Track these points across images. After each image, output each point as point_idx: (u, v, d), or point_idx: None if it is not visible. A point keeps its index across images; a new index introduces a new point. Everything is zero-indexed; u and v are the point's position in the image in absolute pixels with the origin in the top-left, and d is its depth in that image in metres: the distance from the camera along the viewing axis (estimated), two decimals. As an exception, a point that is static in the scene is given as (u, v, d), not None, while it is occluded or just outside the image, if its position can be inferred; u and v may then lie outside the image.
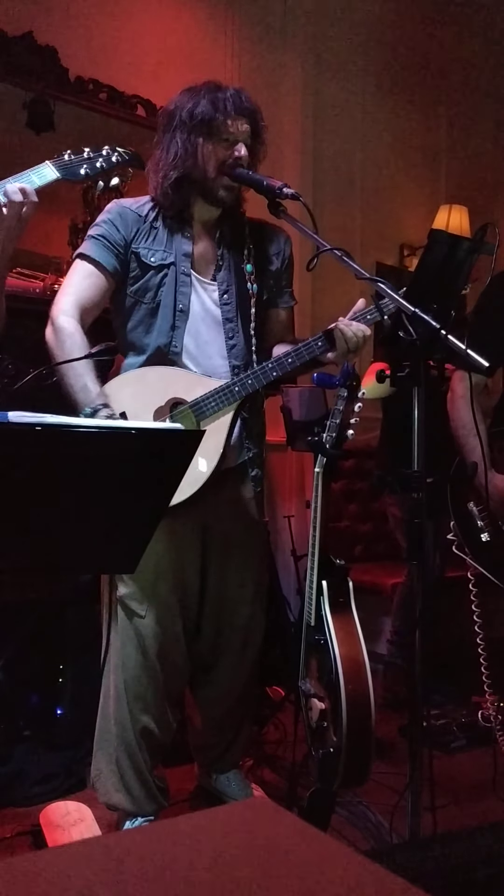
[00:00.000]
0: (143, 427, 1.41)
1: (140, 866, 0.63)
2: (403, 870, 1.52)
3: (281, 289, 2.12)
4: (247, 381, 1.86)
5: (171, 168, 1.91)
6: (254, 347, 1.99)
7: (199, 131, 1.88)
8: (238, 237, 2.04)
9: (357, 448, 3.59)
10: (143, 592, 1.93)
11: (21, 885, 0.59)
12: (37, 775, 2.31)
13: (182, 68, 3.51)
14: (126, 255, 1.94)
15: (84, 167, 1.70)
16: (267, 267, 2.07)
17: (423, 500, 1.60)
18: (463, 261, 1.67)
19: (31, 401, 1.33)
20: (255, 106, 1.94)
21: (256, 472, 2.03)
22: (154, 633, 1.93)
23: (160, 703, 1.98)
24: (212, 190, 1.93)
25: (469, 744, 2.67)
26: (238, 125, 1.90)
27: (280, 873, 0.62)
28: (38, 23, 3.08)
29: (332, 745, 1.74)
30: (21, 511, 1.12)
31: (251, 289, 2.00)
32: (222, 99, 1.88)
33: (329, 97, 4.18)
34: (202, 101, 1.88)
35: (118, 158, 1.75)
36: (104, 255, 1.92)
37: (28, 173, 1.60)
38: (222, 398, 1.86)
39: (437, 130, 4.79)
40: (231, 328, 1.97)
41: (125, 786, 1.96)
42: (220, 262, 2.00)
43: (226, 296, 1.98)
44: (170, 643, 1.96)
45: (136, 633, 1.94)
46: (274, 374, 1.86)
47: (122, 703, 1.95)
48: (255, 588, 2.11)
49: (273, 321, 2.11)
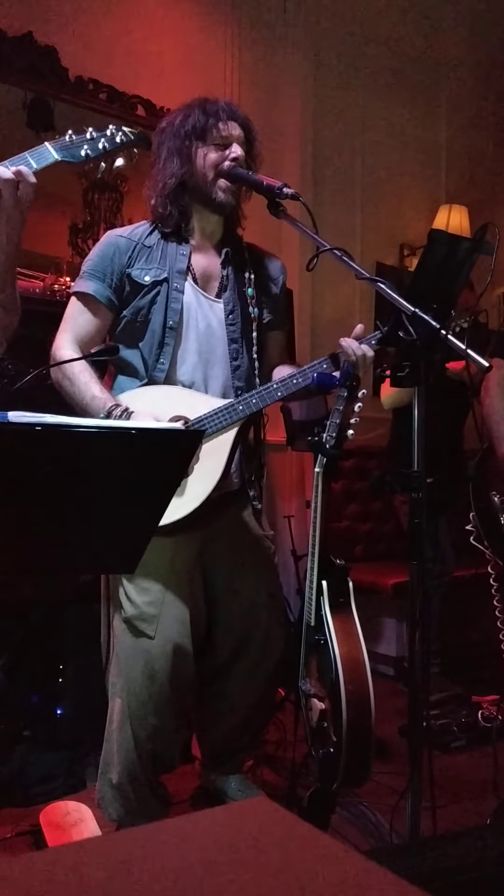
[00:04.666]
0: (143, 427, 1.41)
1: (140, 866, 0.62)
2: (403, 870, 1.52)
3: (280, 312, 2.13)
4: (251, 399, 1.85)
5: (168, 177, 1.92)
6: (256, 371, 1.98)
7: (192, 137, 1.90)
8: (240, 261, 2.03)
9: (357, 448, 3.60)
10: (150, 612, 1.88)
11: (21, 885, 0.59)
12: (37, 775, 2.31)
13: (182, 68, 3.52)
14: (121, 283, 1.93)
15: (85, 148, 1.61)
16: (267, 291, 2.07)
17: (423, 500, 1.60)
18: (463, 261, 1.67)
19: (31, 401, 1.33)
20: (247, 117, 1.97)
21: (255, 492, 2.02)
22: (164, 654, 1.87)
23: (167, 725, 1.92)
24: (210, 193, 1.92)
25: (469, 744, 2.66)
26: (230, 128, 1.92)
27: (280, 873, 0.62)
28: (38, 23, 3.08)
29: (332, 745, 1.74)
30: (21, 511, 1.12)
31: (253, 312, 2.00)
32: (213, 106, 1.92)
33: (329, 97, 4.18)
34: (194, 111, 1.92)
35: (122, 138, 1.66)
36: (98, 287, 1.92)
37: (25, 155, 1.52)
38: (225, 416, 1.84)
39: (437, 130, 4.79)
40: (235, 349, 1.96)
41: (128, 809, 1.93)
42: (226, 282, 1.99)
43: (231, 316, 1.97)
44: (180, 662, 1.90)
45: (145, 654, 1.88)
46: (279, 395, 1.85)
47: (126, 729, 1.89)
48: (268, 600, 2.07)
49: (272, 345, 2.11)
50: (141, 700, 1.88)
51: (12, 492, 1.08)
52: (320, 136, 4.12)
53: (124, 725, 1.89)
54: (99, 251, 1.96)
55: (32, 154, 1.53)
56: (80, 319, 1.93)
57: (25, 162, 1.51)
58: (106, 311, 1.94)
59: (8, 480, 1.07)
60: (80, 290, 1.94)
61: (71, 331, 1.92)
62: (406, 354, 1.61)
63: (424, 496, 1.60)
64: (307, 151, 4.03)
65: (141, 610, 1.88)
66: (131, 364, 1.94)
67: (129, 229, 2.01)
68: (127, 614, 1.89)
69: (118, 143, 1.66)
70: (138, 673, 1.88)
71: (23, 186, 1.48)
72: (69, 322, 1.94)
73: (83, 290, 1.93)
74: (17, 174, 1.47)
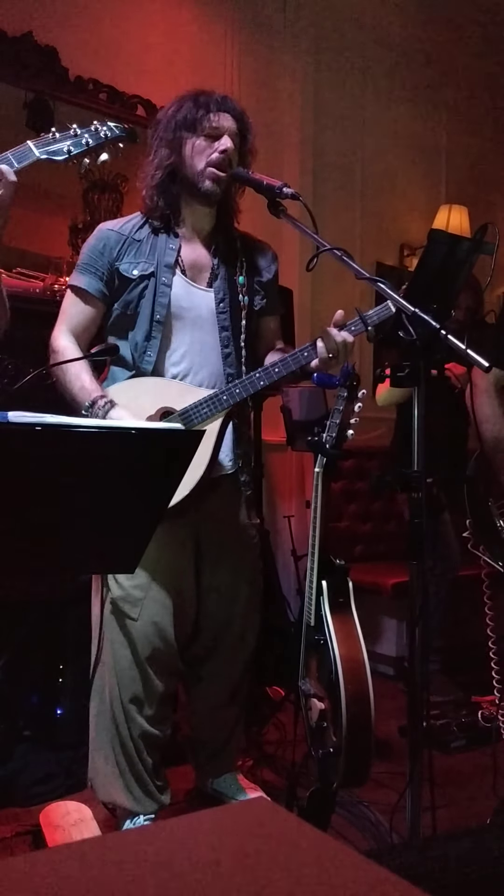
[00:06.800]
0: (143, 427, 1.41)
1: (140, 866, 0.63)
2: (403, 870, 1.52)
3: (273, 298, 2.16)
4: (234, 390, 1.89)
5: (157, 168, 1.95)
6: (243, 359, 2.01)
7: (182, 128, 1.92)
8: (231, 250, 2.06)
9: (357, 448, 3.60)
10: (136, 595, 1.94)
11: (21, 885, 0.59)
12: (37, 775, 2.31)
13: (182, 68, 3.52)
14: (111, 276, 1.97)
15: (67, 144, 1.60)
16: (260, 278, 2.10)
17: (423, 500, 1.60)
18: (463, 261, 1.67)
19: (31, 401, 1.33)
20: (242, 109, 1.98)
21: (246, 477, 2.07)
22: (145, 635, 1.95)
23: (155, 702, 1.99)
24: (197, 183, 1.94)
25: (469, 744, 2.66)
26: (221, 120, 1.93)
27: (280, 873, 0.62)
28: (38, 23, 3.09)
29: (332, 745, 1.74)
30: (21, 511, 1.12)
31: (242, 300, 2.03)
32: (205, 98, 1.93)
33: (329, 97, 4.18)
34: (186, 103, 1.94)
35: (107, 133, 1.66)
36: (90, 281, 1.97)
37: (7, 154, 1.52)
38: (211, 406, 1.89)
39: (437, 130, 4.79)
40: (226, 337, 2.00)
41: (124, 784, 1.97)
42: (217, 270, 2.02)
43: (222, 304, 2.00)
44: (161, 645, 1.97)
45: (127, 635, 1.95)
46: (261, 384, 1.89)
47: (116, 704, 1.96)
48: (249, 588, 2.13)
49: (265, 329, 2.14)
50: (130, 675, 1.96)
51: (12, 492, 1.09)
52: (320, 136, 4.12)
53: (114, 699, 1.96)
54: (90, 245, 2.01)
55: (14, 153, 1.54)
56: (73, 311, 2.00)
57: (7, 161, 1.51)
58: (98, 302, 2.00)
59: (8, 480, 1.07)
60: (73, 283, 2.01)
61: (66, 322, 2.00)
62: (406, 354, 1.61)
63: (424, 496, 1.60)
64: (307, 151, 4.03)
65: (127, 592, 1.94)
66: (123, 355, 1.99)
67: (120, 222, 2.04)
68: (114, 595, 1.96)
69: (102, 137, 1.65)
70: (125, 650, 1.95)
71: (3, 185, 1.48)
72: (65, 314, 2.01)
73: (75, 283, 2.00)
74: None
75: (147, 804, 1.98)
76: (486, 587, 2.25)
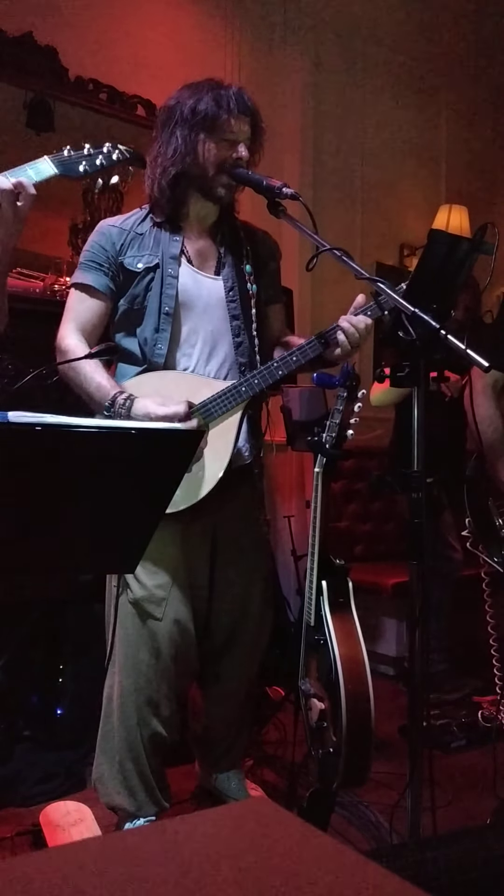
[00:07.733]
0: (143, 427, 1.41)
1: (140, 866, 0.63)
2: (403, 870, 1.52)
3: (277, 286, 2.16)
4: (253, 380, 1.87)
5: (170, 164, 1.90)
6: (256, 348, 1.99)
7: (200, 128, 1.88)
8: (236, 239, 2.05)
9: (357, 448, 3.60)
10: (159, 595, 1.92)
11: (21, 885, 0.59)
12: (37, 775, 2.31)
13: (182, 68, 3.49)
14: (116, 271, 1.95)
15: (83, 164, 1.65)
16: (264, 267, 2.09)
17: (423, 500, 1.60)
18: (462, 261, 1.67)
19: (31, 401, 1.33)
20: (256, 106, 1.94)
21: (259, 469, 2.06)
22: (170, 635, 1.92)
23: (171, 705, 1.97)
24: (211, 188, 1.93)
25: (469, 744, 2.66)
26: (240, 125, 1.90)
27: (280, 873, 0.62)
28: (38, 23, 3.08)
29: (332, 745, 1.74)
30: (21, 511, 1.12)
31: (251, 289, 2.01)
32: (226, 97, 1.88)
33: (329, 97, 4.18)
34: (205, 97, 1.87)
35: (119, 156, 1.71)
36: (95, 277, 1.94)
37: (25, 167, 1.55)
38: (230, 399, 1.87)
39: (437, 130, 4.79)
40: (237, 325, 1.98)
41: (128, 788, 1.95)
42: (224, 259, 2.01)
43: (231, 293, 1.98)
44: (185, 644, 1.95)
45: (151, 635, 1.92)
46: (280, 373, 1.86)
47: (128, 707, 1.93)
48: (263, 585, 2.12)
49: (272, 318, 2.14)
50: (148, 679, 1.92)
51: (12, 492, 1.09)
52: (320, 136, 4.12)
53: (126, 703, 1.93)
54: (92, 242, 1.98)
55: (32, 167, 1.57)
56: (80, 308, 1.96)
57: (25, 174, 1.54)
58: (105, 298, 1.97)
59: (8, 480, 1.07)
60: (77, 281, 1.98)
61: (74, 320, 1.96)
62: (406, 354, 1.60)
63: (424, 496, 1.60)
64: (307, 151, 4.03)
65: (150, 592, 1.92)
66: (130, 351, 1.96)
67: (121, 218, 2.02)
68: (135, 596, 1.92)
69: (115, 160, 1.71)
70: (146, 653, 1.92)
71: (22, 198, 1.51)
72: (71, 312, 1.97)
73: (80, 280, 1.97)
74: (18, 186, 1.50)
75: (148, 807, 1.97)
76: (486, 586, 2.25)
